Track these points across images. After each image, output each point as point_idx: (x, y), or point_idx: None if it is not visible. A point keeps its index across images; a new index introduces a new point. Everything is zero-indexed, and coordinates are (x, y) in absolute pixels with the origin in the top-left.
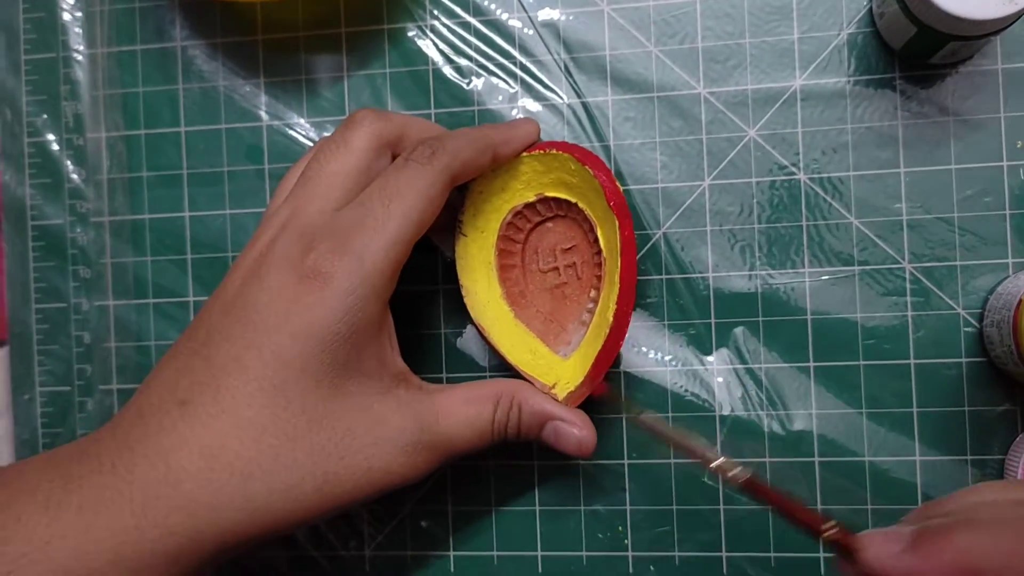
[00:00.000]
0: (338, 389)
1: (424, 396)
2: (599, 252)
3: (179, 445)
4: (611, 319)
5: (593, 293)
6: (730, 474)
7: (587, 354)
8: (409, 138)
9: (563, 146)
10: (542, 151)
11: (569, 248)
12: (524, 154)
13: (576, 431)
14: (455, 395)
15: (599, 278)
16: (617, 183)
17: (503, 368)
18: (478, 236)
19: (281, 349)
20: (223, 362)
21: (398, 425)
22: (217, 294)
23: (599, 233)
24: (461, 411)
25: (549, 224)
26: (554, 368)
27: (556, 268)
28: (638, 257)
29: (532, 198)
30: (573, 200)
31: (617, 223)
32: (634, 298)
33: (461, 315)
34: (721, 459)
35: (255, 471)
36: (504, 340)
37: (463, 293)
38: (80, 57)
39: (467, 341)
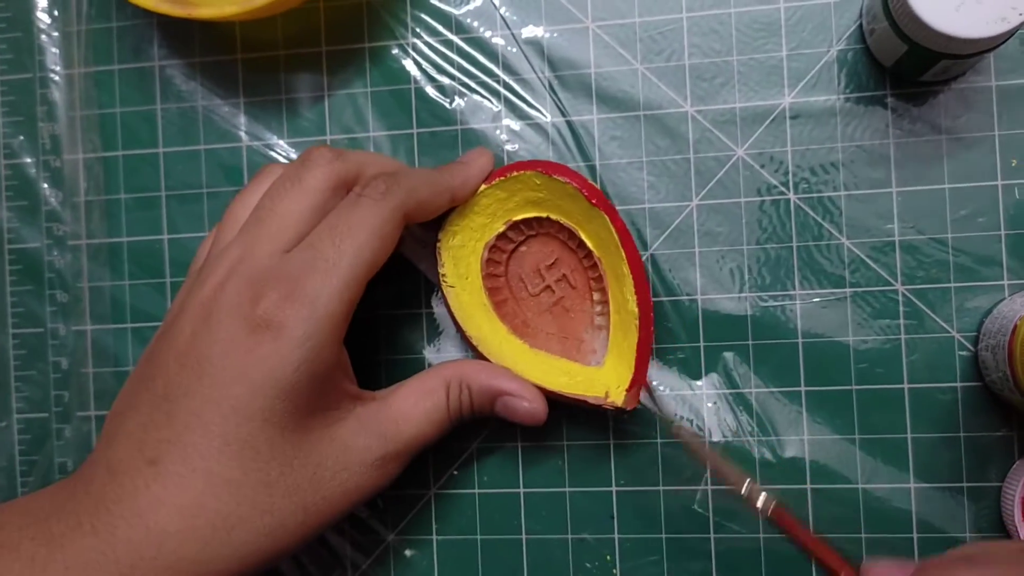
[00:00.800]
0: (302, 429)
1: (380, 407)
2: (587, 255)
3: (156, 506)
4: (635, 309)
5: (597, 295)
6: (759, 502)
7: (623, 351)
8: (365, 176)
9: (524, 165)
10: (502, 177)
11: (552, 263)
12: (483, 186)
13: (526, 404)
14: (407, 394)
15: (596, 279)
16: (591, 181)
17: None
18: (464, 284)
19: (241, 403)
20: (185, 418)
21: (363, 445)
22: (168, 339)
23: (583, 235)
24: (418, 409)
25: (523, 248)
26: (597, 379)
27: (547, 287)
28: None
29: (501, 228)
30: (543, 214)
31: (606, 217)
32: (648, 283)
33: (444, 338)
34: (749, 484)
35: (237, 523)
36: (535, 373)
37: (475, 343)
38: (57, 77)
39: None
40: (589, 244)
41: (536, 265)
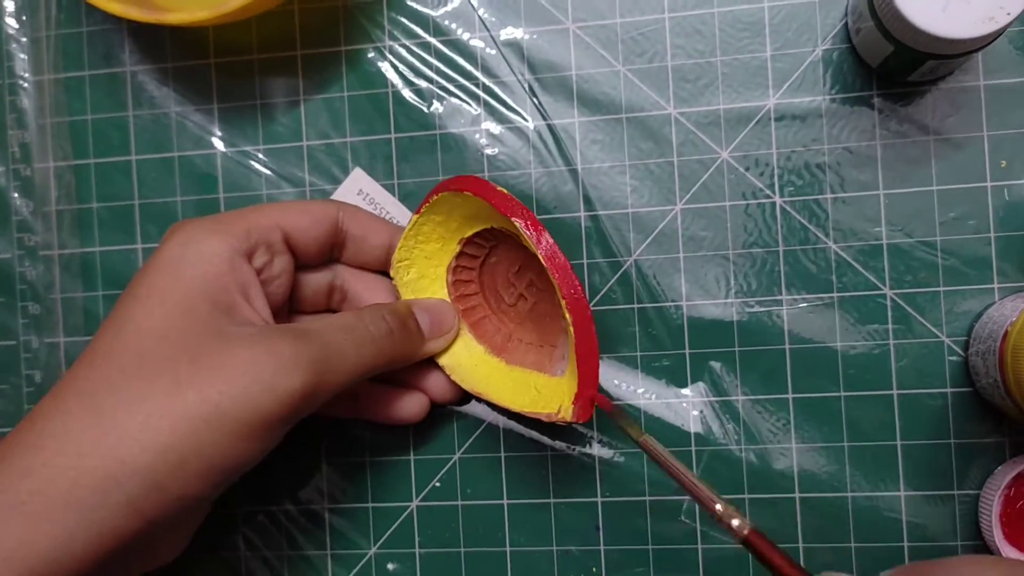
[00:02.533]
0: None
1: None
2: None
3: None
4: (568, 315)
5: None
6: (733, 524)
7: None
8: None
9: (439, 188)
10: (427, 203)
11: (518, 269)
12: (415, 216)
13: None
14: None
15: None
16: (498, 187)
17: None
18: None
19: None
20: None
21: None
22: None
23: (524, 240)
24: (331, 321)
25: (492, 259)
26: (556, 391)
27: (521, 295)
28: (609, 285)
29: (457, 248)
30: (487, 225)
31: (516, 222)
32: (575, 278)
33: None
34: (721, 506)
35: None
36: (504, 394)
37: (448, 372)
38: (26, 84)
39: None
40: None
41: (506, 274)
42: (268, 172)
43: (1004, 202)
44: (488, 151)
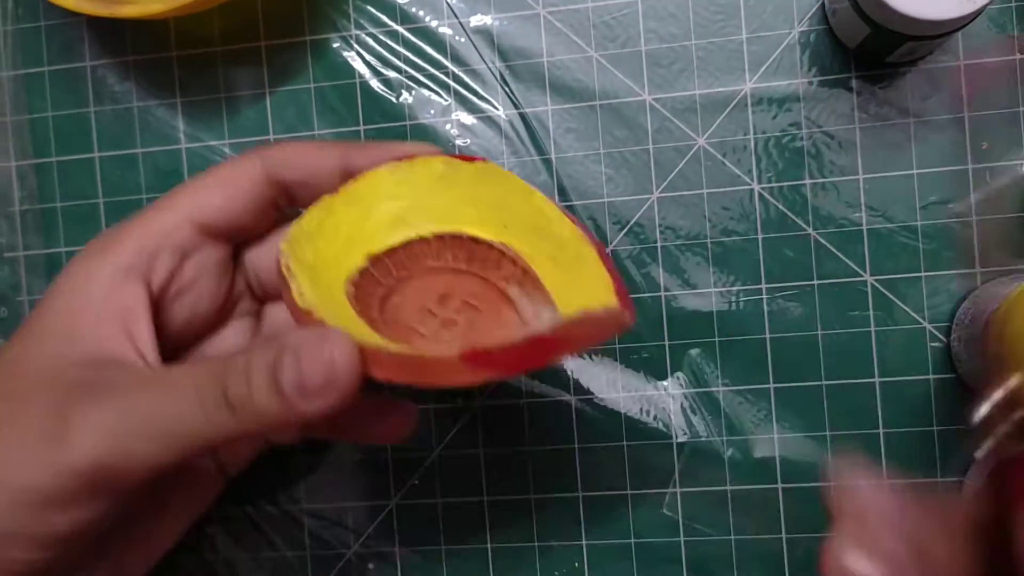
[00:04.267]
0: None
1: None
2: (481, 261)
3: None
4: (576, 229)
5: (514, 290)
6: None
7: (578, 280)
8: None
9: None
10: (351, 183)
11: (440, 297)
12: (327, 196)
13: (325, 346)
14: (163, 366)
15: (507, 275)
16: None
17: None
18: (332, 310)
19: None
20: None
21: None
22: None
23: (469, 228)
24: (155, 377)
25: (395, 298)
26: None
27: (448, 321)
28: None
29: (362, 262)
30: (411, 235)
31: (496, 165)
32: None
33: None
34: None
35: None
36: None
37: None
38: None
39: None
40: (485, 235)
41: (421, 307)
42: None
43: (986, 184)
44: (459, 142)
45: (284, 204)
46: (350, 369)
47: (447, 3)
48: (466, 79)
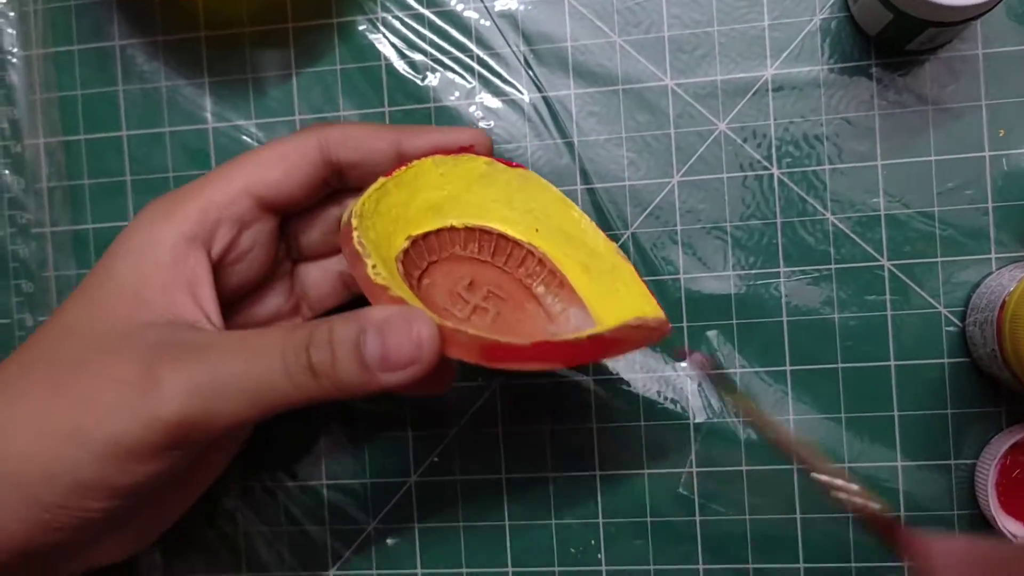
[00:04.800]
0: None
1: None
2: (507, 256)
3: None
4: (611, 243)
5: (540, 288)
6: (858, 503)
7: (616, 296)
8: None
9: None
10: (401, 169)
11: (469, 283)
12: (383, 178)
13: (413, 325)
14: (244, 331)
15: (532, 273)
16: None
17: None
18: (395, 284)
19: None
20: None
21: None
22: None
23: (501, 227)
24: (241, 341)
25: (426, 281)
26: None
27: (476, 307)
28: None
29: (405, 243)
30: (445, 223)
31: (538, 176)
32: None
33: None
34: (851, 486)
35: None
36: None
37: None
38: (15, 59)
39: None
40: (513, 233)
41: (451, 291)
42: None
43: (1003, 171)
44: (483, 124)
45: (334, 183)
46: (433, 347)
47: None
48: (491, 62)
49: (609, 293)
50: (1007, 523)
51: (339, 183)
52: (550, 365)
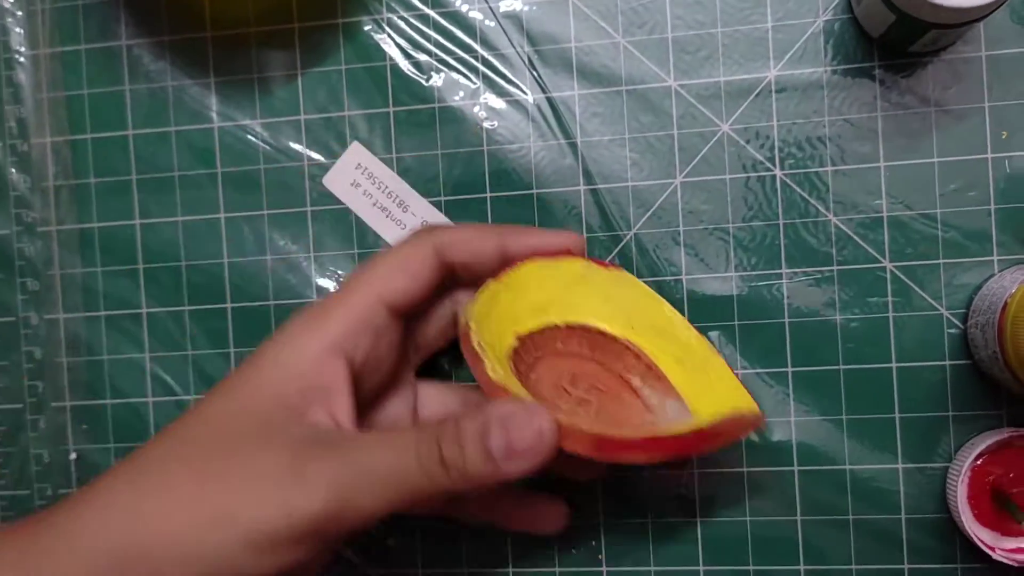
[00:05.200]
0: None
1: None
2: (604, 353)
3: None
4: (702, 337)
5: (636, 380)
6: None
7: (710, 389)
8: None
9: (524, 257)
10: (506, 272)
11: (571, 378)
12: (491, 280)
13: (535, 418)
14: (377, 431)
15: (629, 367)
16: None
17: None
18: (514, 385)
19: None
20: None
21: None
22: None
23: (600, 324)
24: (379, 439)
25: (532, 376)
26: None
27: (582, 400)
28: (610, 258)
29: (513, 342)
30: (550, 323)
31: (629, 274)
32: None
33: None
34: None
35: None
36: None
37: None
38: (22, 59)
39: None
40: (611, 330)
41: (556, 385)
42: (266, 146)
43: (1005, 174)
44: (487, 124)
45: (447, 282)
46: (553, 438)
47: None
48: (495, 63)
49: (704, 386)
50: (980, 533)
51: (451, 282)
52: (657, 458)
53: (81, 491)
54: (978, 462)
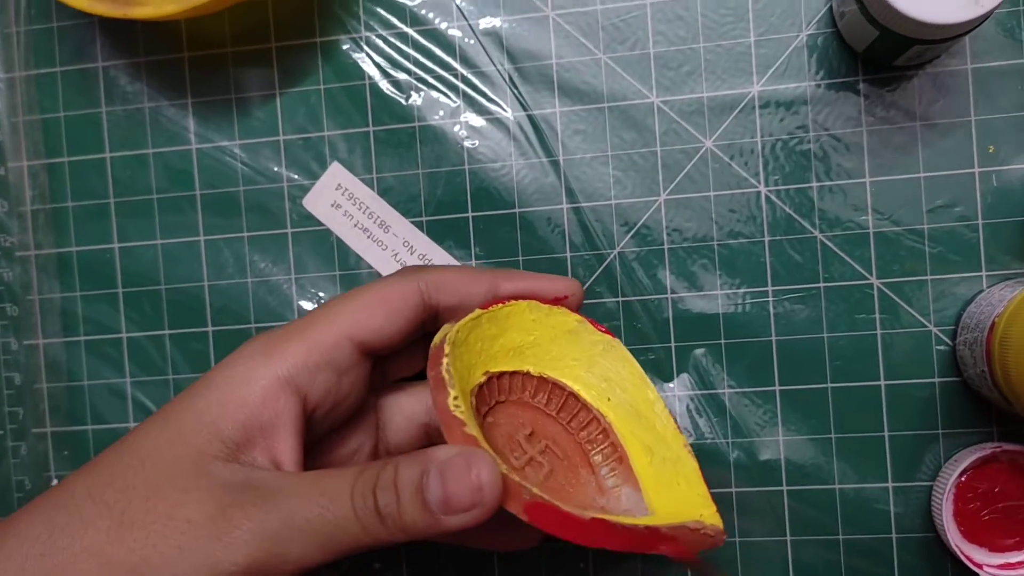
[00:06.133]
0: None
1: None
2: (571, 418)
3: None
4: (681, 436)
5: (598, 457)
6: None
7: (677, 490)
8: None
9: (520, 296)
10: (498, 305)
11: (530, 433)
12: (479, 310)
13: (472, 469)
14: (312, 472)
15: (591, 440)
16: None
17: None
18: (471, 422)
19: None
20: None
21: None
22: None
23: (576, 387)
24: (311, 484)
25: (490, 419)
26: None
27: (531, 459)
28: (592, 280)
29: (482, 378)
30: (523, 368)
31: (623, 348)
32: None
33: None
34: None
35: None
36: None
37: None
38: None
39: None
40: (585, 396)
41: (511, 436)
42: (245, 167)
43: (992, 188)
44: (468, 143)
45: (430, 326)
46: (495, 493)
47: (456, 5)
48: (475, 81)
49: (668, 483)
50: (967, 549)
51: (433, 325)
52: (600, 544)
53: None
54: (962, 478)
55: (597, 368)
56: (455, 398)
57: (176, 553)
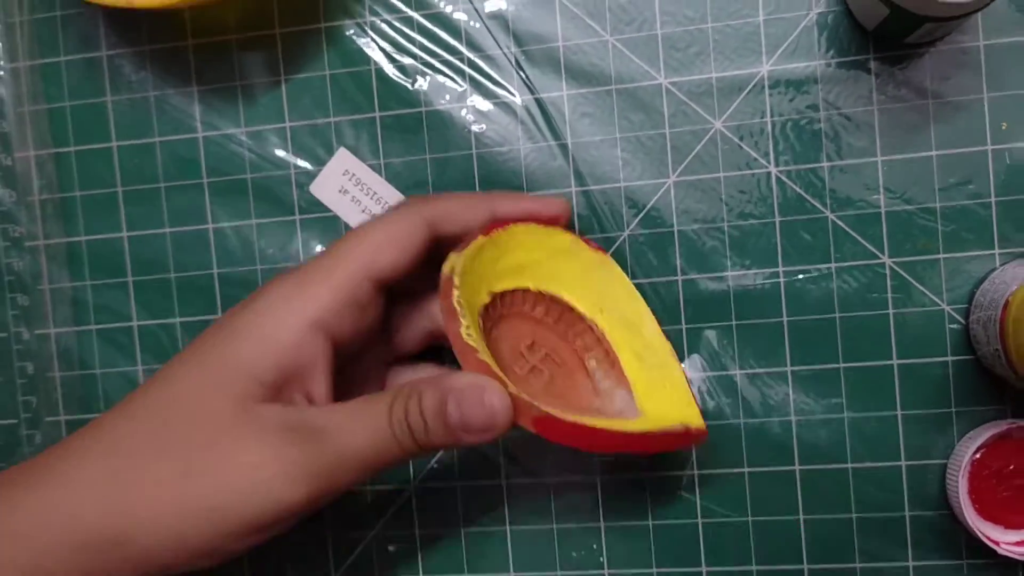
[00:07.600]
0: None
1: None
2: (569, 326)
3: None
4: (667, 344)
5: (592, 363)
6: None
7: (664, 394)
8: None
9: (520, 219)
10: (499, 230)
11: (531, 344)
12: (481, 236)
13: (485, 396)
14: (346, 405)
15: (587, 347)
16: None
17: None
18: (482, 347)
19: None
20: None
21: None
22: None
23: (572, 299)
24: (353, 418)
25: (494, 333)
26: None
27: (533, 367)
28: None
29: (487, 298)
30: (524, 286)
31: (614, 263)
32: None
33: None
34: None
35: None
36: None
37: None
38: (1, 72)
39: None
40: (580, 308)
41: (514, 347)
42: (251, 155)
43: (1005, 165)
44: (475, 128)
45: (433, 252)
46: (507, 416)
47: None
48: (481, 65)
49: (656, 387)
50: (983, 527)
51: (437, 251)
52: (600, 449)
53: (46, 467)
54: (977, 455)
55: (591, 282)
56: (467, 327)
57: (243, 498)
